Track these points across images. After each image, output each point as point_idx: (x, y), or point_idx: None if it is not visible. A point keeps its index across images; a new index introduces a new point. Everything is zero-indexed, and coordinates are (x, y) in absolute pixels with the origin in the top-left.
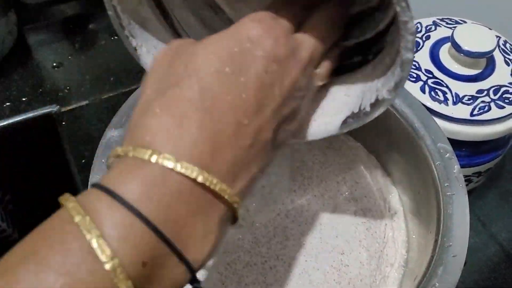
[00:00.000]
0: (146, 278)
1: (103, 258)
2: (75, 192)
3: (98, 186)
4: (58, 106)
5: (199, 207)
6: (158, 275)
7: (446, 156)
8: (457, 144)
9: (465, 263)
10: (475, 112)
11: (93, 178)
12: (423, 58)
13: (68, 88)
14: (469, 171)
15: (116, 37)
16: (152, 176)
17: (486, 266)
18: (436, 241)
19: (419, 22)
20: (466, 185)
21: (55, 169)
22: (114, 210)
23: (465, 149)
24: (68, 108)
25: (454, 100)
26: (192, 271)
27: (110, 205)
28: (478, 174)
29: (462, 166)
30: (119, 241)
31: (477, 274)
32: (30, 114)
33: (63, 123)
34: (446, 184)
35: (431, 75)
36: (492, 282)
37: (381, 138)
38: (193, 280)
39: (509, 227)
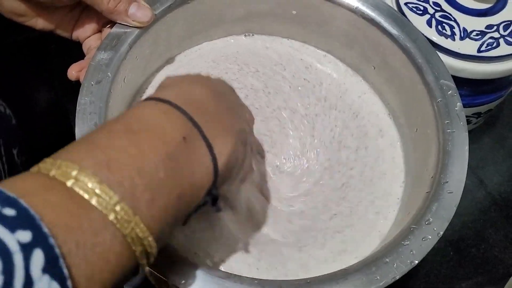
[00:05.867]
0: (186, 153)
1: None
2: (63, 116)
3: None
4: None
5: None
6: (193, 155)
7: (449, 93)
8: (459, 82)
9: None
10: (483, 48)
11: (82, 99)
12: None
13: None
14: (470, 111)
15: None
16: None
17: (475, 209)
18: (432, 177)
19: None
20: None
21: (43, 92)
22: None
23: (467, 88)
24: None
25: (462, 35)
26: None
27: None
28: (478, 115)
29: (463, 106)
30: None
31: (465, 216)
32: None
33: (52, 46)
34: (446, 121)
35: (439, 8)
36: (481, 225)
37: (381, 72)
38: (214, 187)
39: (501, 172)
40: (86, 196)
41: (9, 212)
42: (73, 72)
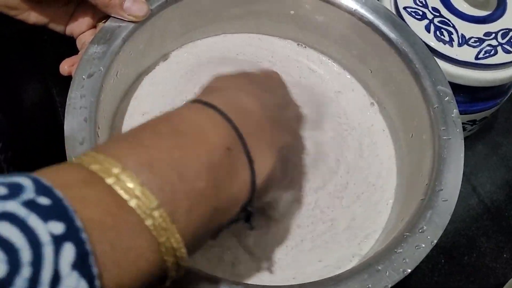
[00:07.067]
0: (227, 164)
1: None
2: (54, 110)
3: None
4: None
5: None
6: (234, 167)
7: (446, 99)
8: (456, 89)
9: None
10: (481, 55)
11: (72, 93)
12: None
13: None
14: (465, 118)
15: None
16: None
17: (468, 216)
18: (427, 184)
19: None
20: None
21: (33, 85)
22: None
23: (463, 95)
24: None
25: (460, 41)
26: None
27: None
28: (473, 122)
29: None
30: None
31: (458, 223)
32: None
33: (45, 37)
34: (442, 128)
35: (437, 14)
36: (473, 232)
37: (378, 76)
38: (251, 199)
39: (494, 180)
40: (125, 196)
41: (44, 201)
42: (65, 67)
